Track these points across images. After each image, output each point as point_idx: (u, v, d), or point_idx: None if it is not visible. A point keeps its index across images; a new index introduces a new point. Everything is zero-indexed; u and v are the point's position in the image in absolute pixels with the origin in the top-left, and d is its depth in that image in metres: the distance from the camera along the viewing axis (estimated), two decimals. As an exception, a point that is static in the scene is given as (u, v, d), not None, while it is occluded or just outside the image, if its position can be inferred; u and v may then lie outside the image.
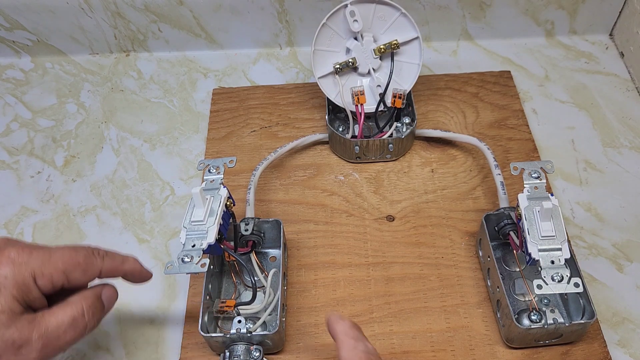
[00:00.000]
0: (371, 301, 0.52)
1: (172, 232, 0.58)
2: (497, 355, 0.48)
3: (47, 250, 0.38)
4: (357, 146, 0.59)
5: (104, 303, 0.39)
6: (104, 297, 0.40)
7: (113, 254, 0.42)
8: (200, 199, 0.46)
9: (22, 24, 0.72)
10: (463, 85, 0.68)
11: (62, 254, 0.38)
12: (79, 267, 0.38)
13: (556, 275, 0.43)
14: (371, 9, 0.57)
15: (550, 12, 0.71)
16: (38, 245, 0.38)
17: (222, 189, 0.48)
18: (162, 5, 0.70)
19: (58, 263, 0.37)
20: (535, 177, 0.48)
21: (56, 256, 0.37)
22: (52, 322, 0.36)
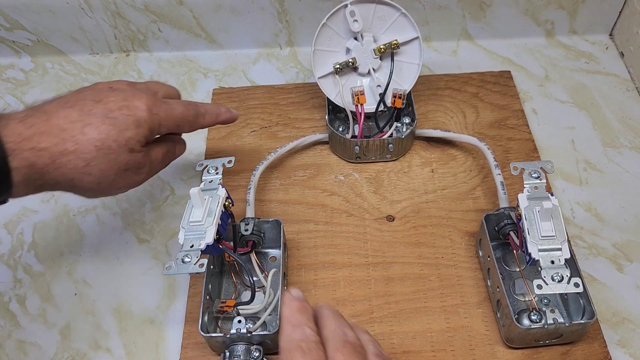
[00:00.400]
0: (371, 301, 0.52)
1: (172, 232, 0.58)
2: (497, 355, 0.48)
3: (170, 106, 0.48)
4: (357, 146, 0.59)
5: (176, 151, 0.52)
6: (177, 147, 0.52)
7: (211, 111, 0.52)
8: (198, 200, 0.46)
9: (22, 24, 0.72)
10: (463, 85, 0.68)
11: (181, 112, 0.49)
12: (189, 122, 0.50)
13: (556, 275, 0.43)
14: (371, 9, 0.57)
15: (550, 12, 0.71)
16: (163, 101, 0.48)
17: (220, 189, 0.48)
18: (162, 5, 0.70)
19: (177, 118, 0.49)
20: (535, 177, 0.48)
21: (176, 112, 0.49)
22: (155, 153, 0.48)
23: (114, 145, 0.44)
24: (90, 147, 0.43)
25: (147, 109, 0.46)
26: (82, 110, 0.44)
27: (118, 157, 0.44)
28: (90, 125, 0.43)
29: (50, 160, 0.42)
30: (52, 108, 0.44)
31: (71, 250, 0.57)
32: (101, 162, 0.43)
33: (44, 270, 0.56)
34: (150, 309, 0.53)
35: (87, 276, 0.55)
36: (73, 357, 0.51)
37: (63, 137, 0.42)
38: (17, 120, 0.42)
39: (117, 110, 0.44)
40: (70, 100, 0.45)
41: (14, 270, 0.56)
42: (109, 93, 0.46)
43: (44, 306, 0.54)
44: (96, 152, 0.43)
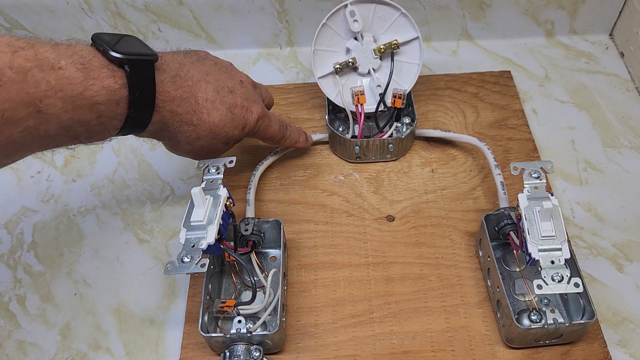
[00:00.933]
0: (371, 301, 0.52)
1: (172, 232, 0.58)
2: (497, 355, 0.48)
3: (269, 122, 0.54)
4: (357, 146, 0.59)
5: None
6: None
7: (292, 138, 0.58)
8: (200, 199, 0.46)
9: (22, 24, 0.71)
10: (463, 85, 0.68)
11: (273, 131, 0.55)
12: (272, 141, 0.57)
13: (556, 275, 0.43)
14: (371, 9, 0.57)
15: (550, 12, 0.71)
16: (267, 115, 0.54)
17: (221, 189, 0.48)
18: (162, 5, 0.70)
19: (268, 135, 0.55)
20: (535, 177, 0.48)
21: (269, 131, 0.55)
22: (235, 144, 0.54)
23: (222, 135, 0.50)
24: (207, 127, 0.49)
25: (257, 118, 0.52)
26: (218, 93, 0.49)
27: (217, 143, 0.51)
28: (217, 110, 0.49)
29: (178, 124, 0.48)
30: (196, 74, 0.49)
31: (71, 250, 0.57)
32: (204, 141, 0.50)
33: (44, 270, 0.56)
34: (150, 309, 0.53)
35: (87, 276, 0.55)
36: (73, 357, 0.51)
37: (195, 109, 0.48)
38: (169, 77, 0.47)
39: (239, 108, 0.51)
40: (210, 72, 0.50)
41: (14, 270, 0.56)
42: (240, 87, 0.52)
43: (44, 306, 0.54)
44: (208, 132, 0.49)
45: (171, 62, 0.48)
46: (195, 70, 0.49)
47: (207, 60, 0.52)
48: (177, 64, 0.48)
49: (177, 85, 0.47)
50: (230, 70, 0.53)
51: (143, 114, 0.45)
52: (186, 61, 0.49)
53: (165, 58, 0.47)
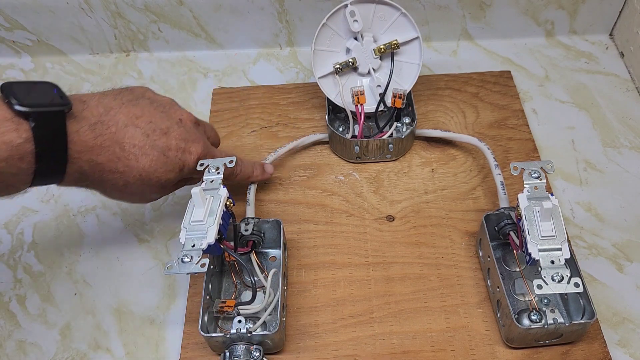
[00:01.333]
0: (371, 301, 0.52)
1: (172, 232, 0.58)
2: (497, 355, 0.48)
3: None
4: (357, 146, 0.59)
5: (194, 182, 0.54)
6: (195, 180, 0.53)
7: (245, 173, 0.55)
8: (200, 199, 0.46)
9: (22, 24, 0.72)
10: (463, 85, 0.68)
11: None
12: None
13: (556, 275, 0.43)
14: (371, 9, 0.57)
15: (550, 12, 0.71)
16: (211, 153, 0.51)
17: (222, 189, 0.48)
18: (162, 5, 0.70)
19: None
20: (535, 177, 0.48)
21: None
22: (178, 186, 0.52)
23: (154, 180, 0.47)
24: (136, 174, 0.46)
25: (196, 158, 0.49)
26: (148, 137, 0.46)
27: (150, 188, 0.48)
28: (146, 156, 0.46)
29: (99, 174, 0.45)
30: (123, 119, 0.46)
31: (71, 250, 0.57)
32: (135, 188, 0.47)
33: (44, 270, 0.56)
34: (150, 309, 0.53)
35: (87, 276, 0.55)
36: (73, 357, 0.51)
37: (119, 157, 0.45)
38: (88, 124, 0.44)
39: (174, 150, 0.48)
40: (142, 114, 0.47)
41: (14, 270, 0.56)
42: (177, 127, 0.48)
43: (44, 306, 0.54)
44: (137, 179, 0.46)
45: (95, 107, 0.45)
46: (123, 114, 0.46)
47: (141, 100, 0.48)
48: (102, 108, 0.45)
49: (97, 133, 0.44)
50: (169, 108, 0.50)
51: (54, 167, 0.42)
52: (115, 104, 0.46)
53: (89, 103, 0.45)
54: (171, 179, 0.48)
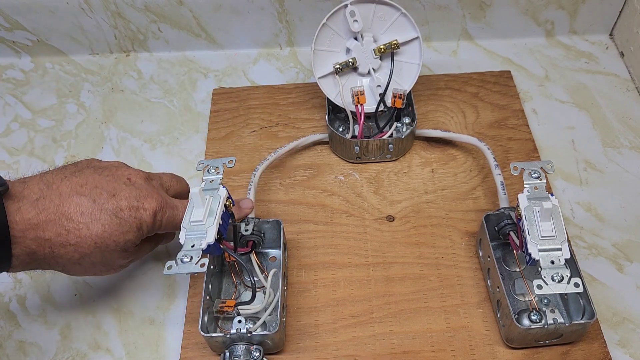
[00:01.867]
0: (371, 301, 0.52)
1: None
2: (497, 355, 0.48)
3: (175, 212, 0.48)
4: (357, 146, 0.59)
5: (163, 242, 0.53)
6: (165, 239, 0.53)
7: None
8: (199, 199, 0.46)
9: (22, 24, 0.72)
10: (463, 85, 0.68)
11: (182, 219, 0.48)
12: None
13: (556, 275, 0.43)
14: (371, 9, 0.57)
15: (550, 12, 0.71)
16: (170, 204, 0.48)
17: (221, 189, 0.48)
18: (162, 5, 0.70)
19: (176, 225, 0.48)
20: (535, 177, 0.48)
21: (177, 220, 0.48)
22: (145, 247, 0.49)
23: (112, 245, 0.45)
24: (90, 242, 0.44)
25: (153, 214, 0.46)
26: (95, 202, 0.44)
27: (111, 254, 0.45)
28: (98, 221, 0.44)
29: (49, 250, 0.43)
30: (67, 189, 0.44)
31: (71, 250, 0.57)
32: (94, 257, 0.45)
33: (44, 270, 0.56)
34: (150, 309, 0.53)
35: (87, 276, 0.55)
36: (73, 357, 0.51)
37: (68, 228, 0.43)
38: (30, 201, 0.42)
39: (127, 210, 0.45)
40: (87, 182, 0.45)
41: (14, 270, 0.56)
42: (125, 187, 0.46)
43: (44, 306, 0.54)
44: (94, 248, 0.44)
45: (36, 184, 0.44)
46: (66, 185, 0.44)
47: (86, 170, 0.47)
48: (43, 184, 0.44)
49: (40, 209, 0.42)
50: (115, 171, 0.48)
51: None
52: (56, 178, 0.45)
53: (29, 182, 0.44)
54: (131, 239, 0.45)
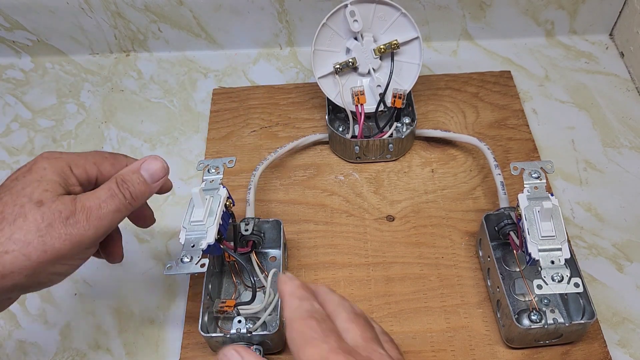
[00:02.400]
0: (371, 301, 0.52)
1: (172, 232, 0.58)
2: (497, 355, 0.48)
3: (79, 152, 0.42)
4: (357, 146, 0.59)
5: (144, 175, 0.42)
6: (144, 169, 0.42)
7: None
8: (199, 199, 0.46)
9: (22, 24, 0.72)
10: (463, 85, 0.68)
11: (90, 152, 0.43)
12: (107, 160, 0.42)
13: (556, 275, 0.43)
14: (371, 9, 0.57)
15: (550, 12, 0.71)
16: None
17: (221, 189, 0.48)
18: (162, 5, 0.70)
19: (88, 157, 0.42)
20: (535, 177, 0.48)
21: (86, 153, 0.42)
22: (91, 196, 0.39)
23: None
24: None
25: (43, 158, 0.40)
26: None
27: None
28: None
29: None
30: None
31: (71, 250, 0.57)
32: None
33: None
34: (150, 309, 0.53)
35: (87, 276, 0.55)
36: (73, 357, 0.51)
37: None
38: None
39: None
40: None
41: (14, 270, 0.56)
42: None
43: (44, 306, 0.54)
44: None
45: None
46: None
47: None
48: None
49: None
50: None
51: None
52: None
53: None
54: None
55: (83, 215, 0.38)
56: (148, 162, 0.42)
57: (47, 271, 0.37)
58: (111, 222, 0.39)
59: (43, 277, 0.38)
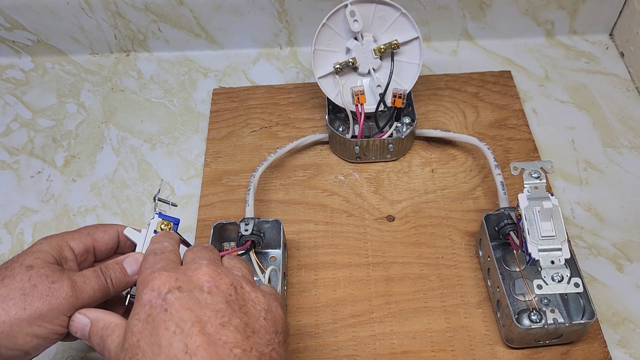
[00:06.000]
0: (371, 301, 0.52)
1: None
2: (497, 355, 0.48)
3: (73, 230, 0.46)
4: (357, 146, 0.59)
5: (125, 267, 0.44)
6: (126, 262, 0.44)
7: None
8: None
9: (22, 24, 0.72)
10: (463, 85, 0.68)
11: (84, 226, 0.46)
12: (99, 228, 0.46)
13: (556, 275, 0.43)
14: (371, 8, 0.57)
15: (550, 12, 0.71)
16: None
17: (155, 218, 0.49)
18: (162, 5, 0.70)
19: (82, 230, 0.45)
20: (535, 177, 0.48)
21: (80, 228, 0.46)
22: (77, 273, 0.41)
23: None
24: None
25: (43, 239, 0.44)
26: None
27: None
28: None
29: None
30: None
31: (71, 250, 0.57)
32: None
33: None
34: (150, 309, 0.53)
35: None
36: (73, 357, 0.51)
37: None
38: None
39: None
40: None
41: (14, 270, 0.56)
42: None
43: (44, 306, 0.54)
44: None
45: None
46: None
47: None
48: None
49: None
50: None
51: None
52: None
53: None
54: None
55: (67, 283, 0.40)
56: (131, 256, 0.44)
57: (24, 331, 0.38)
58: (91, 297, 0.41)
59: (21, 339, 0.38)
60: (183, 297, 0.34)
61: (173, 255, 0.39)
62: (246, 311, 0.36)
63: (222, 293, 0.35)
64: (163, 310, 0.34)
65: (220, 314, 0.34)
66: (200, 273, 0.36)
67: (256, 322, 0.35)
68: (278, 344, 0.36)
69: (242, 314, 0.35)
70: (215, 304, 0.34)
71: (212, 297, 0.35)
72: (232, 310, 0.35)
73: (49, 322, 0.39)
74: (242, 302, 0.36)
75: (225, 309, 0.34)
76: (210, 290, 0.35)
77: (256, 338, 0.34)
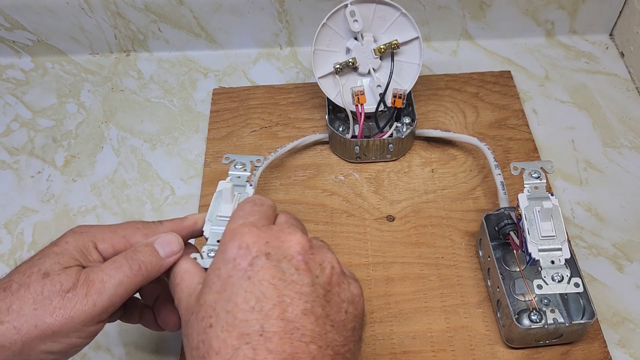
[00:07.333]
0: (371, 301, 0.52)
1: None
2: (497, 355, 0.48)
3: (110, 225, 0.41)
4: (357, 146, 0.59)
5: (157, 248, 0.39)
6: (158, 243, 0.40)
7: (172, 219, 0.43)
8: (229, 195, 0.43)
9: (22, 24, 0.72)
10: (463, 85, 0.68)
11: (122, 224, 0.41)
12: (139, 230, 0.41)
13: (556, 275, 0.43)
14: (371, 8, 0.57)
15: (550, 12, 0.71)
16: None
17: (248, 187, 0.47)
18: (162, 5, 0.70)
19: (117, 230, 0.40)
20: (536, 177, 0.48)
21: (116, 226, 0.41)
22: (97, 269, 0.37)
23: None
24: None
25: (71, 232, 0.41)
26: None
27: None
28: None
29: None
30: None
31: (71, 250, 0.57)
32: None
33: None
34: (151, 309, 0.53)
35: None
36: (73, 357, 0.50)
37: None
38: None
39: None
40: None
41: (14, 270, 0.56)
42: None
43: (44, 306, 0.54)
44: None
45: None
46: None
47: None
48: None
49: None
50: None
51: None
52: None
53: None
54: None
55: (83, 289, 0.36)
56: (163, 236, 0.40)
57: (37, 349, 0.35)
58: (112, 296, 0.36)
59: (34, 356, 0.35)
60: (270, 268, 0.31)
61: (271, 211, 0.36)
62: (329, 299, 0.32)
63: (310, 273, 0.32)
64: (246, 277, 0.31)
65: (304, 298, 0.31)
66: (294, 241, 0.33)
67: (337, 315, 0.32)
68: (354, 342, 0.32)
69: (324, 302, 0.31)
70: (300, 285, 0.31)
71: (299, 275, 0.32)
72: (316, 296, 0.31)
73: (65, 337, 0.36)
74: (327, 287, 0.32)
75: (310, 292, 0.31)
76: (299, 267, 0.32)
77: (334, 334, 0.31)
